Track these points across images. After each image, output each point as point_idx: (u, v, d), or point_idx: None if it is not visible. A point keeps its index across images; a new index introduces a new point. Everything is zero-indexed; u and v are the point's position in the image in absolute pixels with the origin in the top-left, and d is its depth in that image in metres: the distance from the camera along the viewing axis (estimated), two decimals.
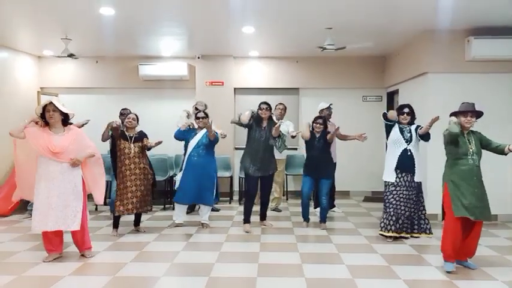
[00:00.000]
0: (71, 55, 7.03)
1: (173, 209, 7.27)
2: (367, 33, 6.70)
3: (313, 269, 4.33)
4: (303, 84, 8.74)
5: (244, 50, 8.16)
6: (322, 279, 4.07)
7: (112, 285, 3.93)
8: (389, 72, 8.36)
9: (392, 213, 5.30)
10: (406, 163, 5.31)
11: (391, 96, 8.54)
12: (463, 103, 4.40)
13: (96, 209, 7.29)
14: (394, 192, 5.31)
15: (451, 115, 4.42)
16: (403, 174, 5.31)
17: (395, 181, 5.31)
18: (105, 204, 7.07)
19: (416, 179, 5.31)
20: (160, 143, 5.68)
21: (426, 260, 4.64)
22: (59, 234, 4.55)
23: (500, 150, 4.31)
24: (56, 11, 5.66)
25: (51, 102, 4.47)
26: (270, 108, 5.98)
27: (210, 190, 5.97)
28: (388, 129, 5.47)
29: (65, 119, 4.56)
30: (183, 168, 6.00)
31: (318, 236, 5.66)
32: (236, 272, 4.26)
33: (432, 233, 5.43)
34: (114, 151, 5.71)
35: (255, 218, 6.10)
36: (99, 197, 4.81)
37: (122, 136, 5.56)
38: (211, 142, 5.93)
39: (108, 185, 7.34)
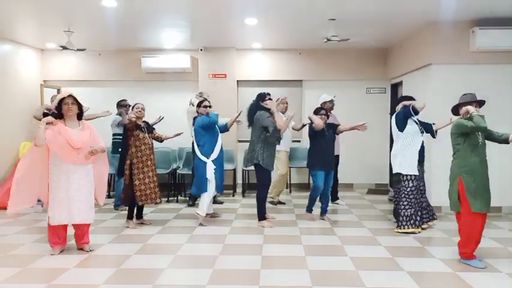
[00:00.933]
0: (80, 49, 7.04)
1: (177, 201, 7.32)
2: (370, 25, 6.65)
3: (317, 261, 4.33)
4: (306, 76, 8.70)
5: (247, 42, 8.13)
6: (326, 271, 4.08)
7: (116, 277, 3.95)
8: (393, 63, 8.31)
9: (417, 208, 5.35)
10: (422, 154, 5.33)
11: (395, 88, 8.49)
12: (464, 94, 4.37)
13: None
14: (417, 185, 5.31)
15: (452, 109, 4.38)
16: (420, 166, 5.34)
17: (418, 174, 5.32)
18: (108, 197, 7.19)
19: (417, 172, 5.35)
20: (179, 134, 5.72)
21: (430, 252, 4.64)
22: (65, 227, 4.58)
23: (504, 140, 4.25)
24: (58, 4, 5.64)
25: (70, 95, 4.44)
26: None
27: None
28: (405, 122, 5.28)
29: (80, 113, 4.55)
30: (213, 157, 5.71)
31: (322, 228, 5.66)
32: (240, 264, 4.27)
33: (437, 218, 5.65)
34: (125, 144, 5.61)
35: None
36: (102, 196, 4.83)
37: (137, 127, 5.56)
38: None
39: (111, 178, 7.38)
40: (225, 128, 6.04)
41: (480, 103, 4.33)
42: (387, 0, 5.47)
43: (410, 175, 5.26)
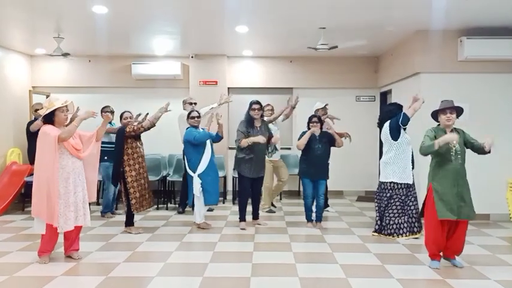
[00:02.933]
0: (65, 54, 6.97)
1: (166, 209, 7.27)
2: (360, 33, 6.72)
3: (307, 269, 4.33)
4: (297, 84, 8.73)
5: (238, 50, 8.15)
6: (316, 279, 4.07)
7: (105, 285, 3.90)
8: (383, 72, 8.39)
9: (411, 215, 5.39)
10: (413, 162, 5.37)
11: (384, 96, 8.57)
12: (442, 101, 4.37)
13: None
14: (407, 193, 5.37)
15: (432, 114, 4.42)
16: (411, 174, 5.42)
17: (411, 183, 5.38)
18: (97, 204, 7.12)
19: (406, 181, 5.38)
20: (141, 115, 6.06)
21: (419, 259, 4.65)
22: (57, 233, 4.49)
23: (482, 150, 4.29)
24: (48, 9, 5.61)
25: (71, 102, 4.50)
26: (262, 108, 5.96)
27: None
28: (399, 131, 5.32)
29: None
30: (202, 170, 5.72)
31: (312, 235, 5.66)
32: (230, 272, 4.25)
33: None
34: (121, 153, 5.50)
35: (248, 218, 6.11)
36: (93, 194, 4.72)
37: (134, 136, 5.58)
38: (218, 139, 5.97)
39: (100, 185, 7.30)
40: (218, 138, 5.97)
41: (458, 111, 4.32)
42: (376, 9, 5.53)
43: (405, 183, 5.35)
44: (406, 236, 5.37)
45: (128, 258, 4.64)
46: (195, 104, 6.90)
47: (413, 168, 5.43)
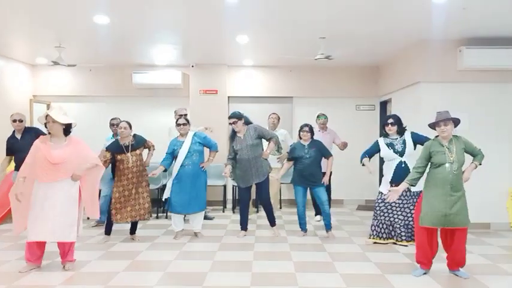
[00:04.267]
0: (70, 65, 7.02)
1: (166, 217, 7.25)
2: (360, 43, 6.76)
3: (307, 278, 4.31)
4: (297, 93, 8.77)
5: (238, 59, 8.19)
6: None
7: None
8: (383, 81, 8.42)
9: (383, 221, 5.50)
10: (401, 175, 5.31)
11: (384, 105, 8.59)
12: (437, 112, 4.34)
13: (88, 218, 7.22)
14: (386, 200, 5.36)
15: (429, 126, 4.43)
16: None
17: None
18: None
19: (413, 189, 5.27)
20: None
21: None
22: (41, 246, 4.47)
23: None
24: (49, 19, 5.66)
25: (48, 115, 4.39)
26: (240, 118, 5.89)
27: (203, 196, 5.95)
28: (376, 150, 5.60)
29: (66, 129, 4.49)
30: (173, 176, 5.87)
31: (312, 244, 5.64)
32: (229, 281, 4.23)
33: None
34: (114, 163, 5.66)
35: (251, 226, 6.10)
36: (94, 211, 4.71)
37: (117, 150, 5.57)
38: (203, 148, 5.98)
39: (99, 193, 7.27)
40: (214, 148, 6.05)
41: (454, 121, 4.30)
42: (376, 19, 5.57)
43: (382, 193, 5.52)
44: (374, 238, 5.59)
45: (127, 267, 4.63)
46: (185, 115, 6.79)
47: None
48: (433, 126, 4.38)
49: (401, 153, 5.39)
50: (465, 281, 4.26)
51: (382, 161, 6.08)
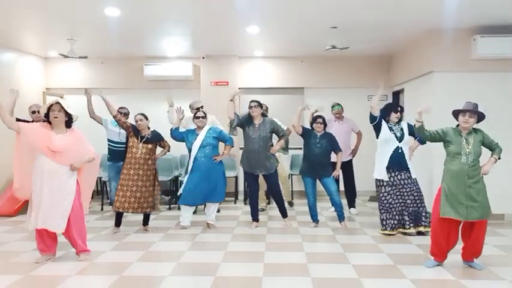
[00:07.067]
0: (82, 57, 7.07)
1: (179, 209, 7.29)
2: (372, 32, 6.69)
3: (319, 269, 4.31)
4: (308, 84, 8.72)
5: (249, 50, 8.16)
6: (328, 279, 4.06)
7: (118, 284, 3.93)
8: (395, 71, 8.33)
9: (394, 212, 5.45)
10: (399, 161, 5.33)
11: (397, 95, 8.50)
12: (466, 102, 4.30)
13: (101, 209, 7.31)
14: (391, 192, 5.40)
15: (453, 112, 4.37)
16: (397, 173, 5.39)
17: (390, 180, 5.40)
18: (110, 204, 7.17)
19: (413, 175, 5.42)
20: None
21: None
22: (51, 233, 4.49)
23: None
24: (61, 12, 5.69)
25: (57, 102, 4.45)
26: (261, 106, 5.92)
27: (221, 188, 5.92)
28: (378, 128, 5.52)
29: (68, 121, 4.53)
30: (188, 171, 5.86)
31: (324, 235, 5.64)
32: (242, 272, 4.26)
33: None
34: (127, 145, 5.78)
35: (263, 218, 6.12)
36: (84, 204, 4.69)
37: (134, 132, 5.63)
38: (218, 142, 5.95)
39: (108, 185, 7.35)
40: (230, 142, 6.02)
41: (479, 116, 4.24)
42: (388, 8, 5.50)
43: (380, 180, 5.47)
44: (386, 230, 5.51)
45: (140, 258, 4.67)
46: (202, 107, 6.75)
47: (401, 168, 5.42)
48: (456, 114, 4.31)
49: (399, 139, 5.41)
50: (480, 272, 4.22)
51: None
